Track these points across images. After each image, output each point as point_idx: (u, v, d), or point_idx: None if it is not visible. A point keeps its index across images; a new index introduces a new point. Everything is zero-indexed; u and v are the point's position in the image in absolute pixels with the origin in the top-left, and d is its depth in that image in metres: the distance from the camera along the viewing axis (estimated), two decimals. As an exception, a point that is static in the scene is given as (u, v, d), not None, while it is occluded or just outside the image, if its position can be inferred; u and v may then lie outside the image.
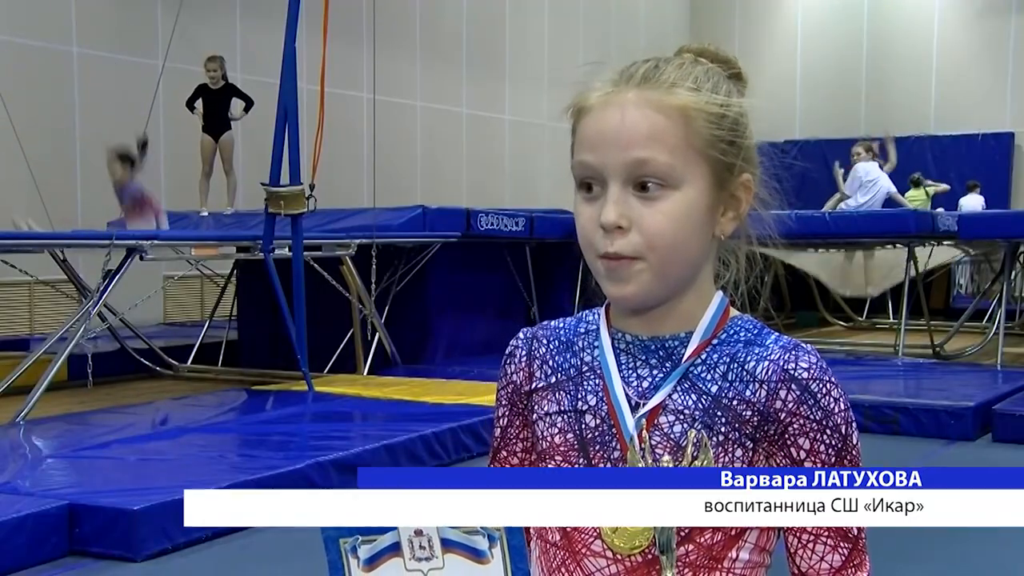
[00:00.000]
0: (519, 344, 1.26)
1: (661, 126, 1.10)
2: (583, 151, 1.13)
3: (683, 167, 1.10)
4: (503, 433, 1.27)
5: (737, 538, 1.12)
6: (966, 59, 18.02)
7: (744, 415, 1.12)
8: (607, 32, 17.78)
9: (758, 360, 1.13)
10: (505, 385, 1.26)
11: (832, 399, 1.12)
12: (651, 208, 1.10)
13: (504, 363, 1.27)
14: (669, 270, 1.12)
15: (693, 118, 1.11)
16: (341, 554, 1.00)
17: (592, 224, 1.12)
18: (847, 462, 1.12)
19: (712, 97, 1.13)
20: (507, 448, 1.27)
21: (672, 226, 1.10)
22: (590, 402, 1.17)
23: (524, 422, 1.25)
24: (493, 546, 0.98)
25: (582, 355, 1.21)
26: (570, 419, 1.18)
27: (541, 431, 1.20)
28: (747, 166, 1.16)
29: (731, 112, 1.13)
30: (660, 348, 1.16)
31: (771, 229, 1.22)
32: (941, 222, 9.56)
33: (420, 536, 0.99)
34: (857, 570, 1.13)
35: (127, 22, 10.84)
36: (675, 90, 1.12)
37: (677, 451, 1.12)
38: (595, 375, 1.18)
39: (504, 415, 1.26)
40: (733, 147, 1.13)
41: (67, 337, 6.84)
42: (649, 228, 1.10)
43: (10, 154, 8.65)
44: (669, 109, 1.11)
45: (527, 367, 1.24)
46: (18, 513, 4.06)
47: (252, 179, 8.05)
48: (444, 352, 8.95)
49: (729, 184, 1.14)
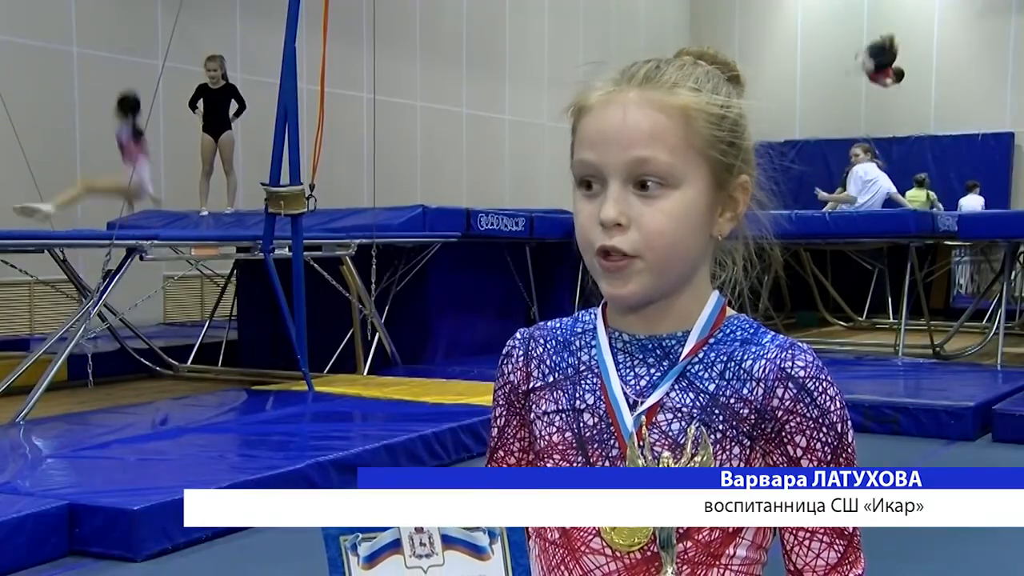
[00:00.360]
0: (516, 344, 1.27)
1: (662, 125, 1.11)
2: (584, 149, 1.14)
3: (683, 167, 1.11)
4: (500, 433, 1.27)
5: (735, 535, 1.13)
6: (966, 59, 18.02)
7: (741, 413, 1.13)
8: (607, 32, 17.78)
9: (755, 359, 1.14)
10: (502, 385, 1.27)
11: (828, 397, 1.13)
12: (651, 207, 1.11)
13: (501, 363, 1.27)
14: (667, 269, 1.12)
15: (694, 118, 1.12)
16: (341, 551, 1.00)
17: (591, 222, 1.13)
18: (843, 460, 1.13)
19: (713, 98, 1.13)
20: (504, 448, 1.27)
21: (671, 225, 1.11)
22: (588, 401, 1.18)
23: (521, 422, 1.25)
24: (494, 542, 0.98)
25: (579, 354, 1.21)
26: (568, 418, 1.18)
27: (539, 430, 1.21)
28: (745, 167, 1.17)
29: (731, 113, 1.14)
30: (657, 347, 1.17)
31: (767, 230, 1.23)
32: (941, 222, 9.57)
33: (420, 533, 0.99)
34: (852, 567, 1.14)
35: (127, 22, 10.84)
36: (676, 90, 1.13)
37: (676, 449, 1.12)
38: (593, 374, 1.19)
39: (501, 415, 1.27)
40: (732, 148, 1.14)
41: (67, 337, 6.84)
42: (648, 226, 1.10)
43: (10, 154, 8.65)
44: (670, 109, 1.12)
45: (524, 367, 1.24)
46: (18, 513, 4.06)
47: (252, 179, 8.05)
48: (444, 352, 8.96)
49: (728, 185, 1.15)
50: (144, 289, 8.81)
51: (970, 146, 17.58)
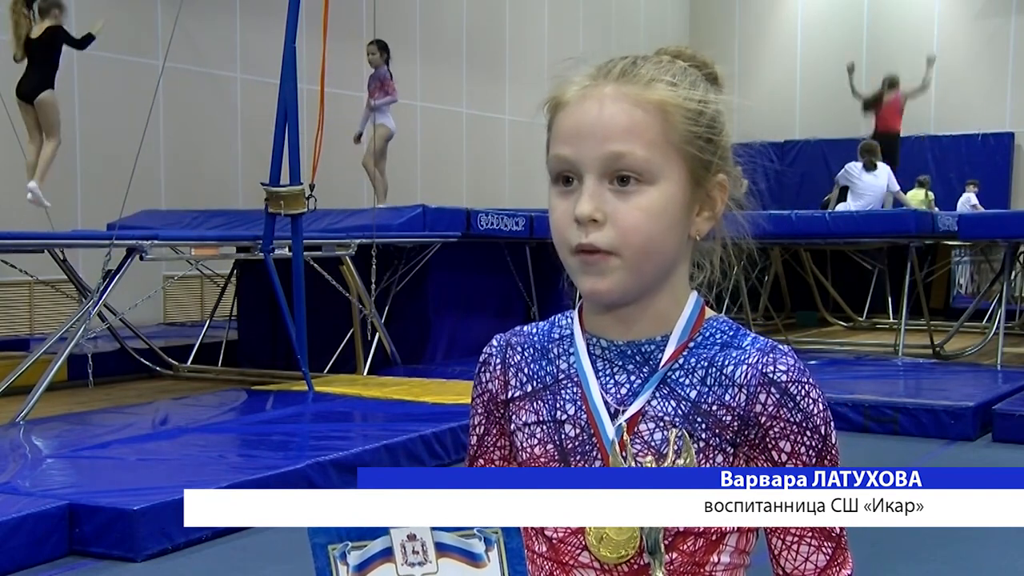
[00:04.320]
0: (493, 352, 1.25)
1: (639, 120, 1.10)
2: (559, 144, 1.12)
3: (660, 162, 1.10)
4: (479, 441, 1.26)
5: (718, 543, 1.12)
6: (966, 59, 18.01)
7: (724, 420, 1.11)
8: (607, 32, 17.79)
9: (736, 364, 1.13)
10: (480, 393, 1.25)
11: (811, 400, 1.12)
12: (627, 203, 1.09)
13: (479, 371, 1.25)
14: (644, 267, 1.11)
15: (671, 113, 1.11)
16: (330, 561, 0.98)
17: (566, 218, 1.11)
18: (827, 462, 1.12)
19: (690, 93, 1.12)
20: (484, 457, 1.25)
21: (647, 221, 1.09)
22: (569, 411, 1.16)
23: (501, 431, 1.23)
24: (490, 549, 0.95)
25: (558, 363, 1.19)
26: (549, 429, 1.17)
27: (520, 442, 1.19)
28: (724, 165, 1.15)
29: (708, 109, 1.13)
30: (637, 353, 1.15)
31: (746, 232, 1.21)
32: (941, 222, 9.57)
33: (413, 540, 0.96)
34: (841, 568, 1.13)
35: (127, 22, 10.84)
36: (653, 85, 1.11)
37: (659, 459, 1.11)
38: (572, 383, 1.17)
39: (480, 423, 1.25)
40: (710, 145, 1.13)
41: (67, 337, 6.84)
42: (624, 222, 1.09)
43: (10, 154, 8.66)
44: (647, 104, 1.10)
45: (502, 375, 1.23)
46: (18, 513, 4.06)
47: (252, 179, 8.05)
48: (444, 352, 8.96)
49: (705, 182, 1.14)
50: (144, 289, 8.81)
51: (970, 146, 17.58)
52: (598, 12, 18.03)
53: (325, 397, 6.85)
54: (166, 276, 10.59)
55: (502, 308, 9.48)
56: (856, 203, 10.96)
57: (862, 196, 11.04)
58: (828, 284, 12.04)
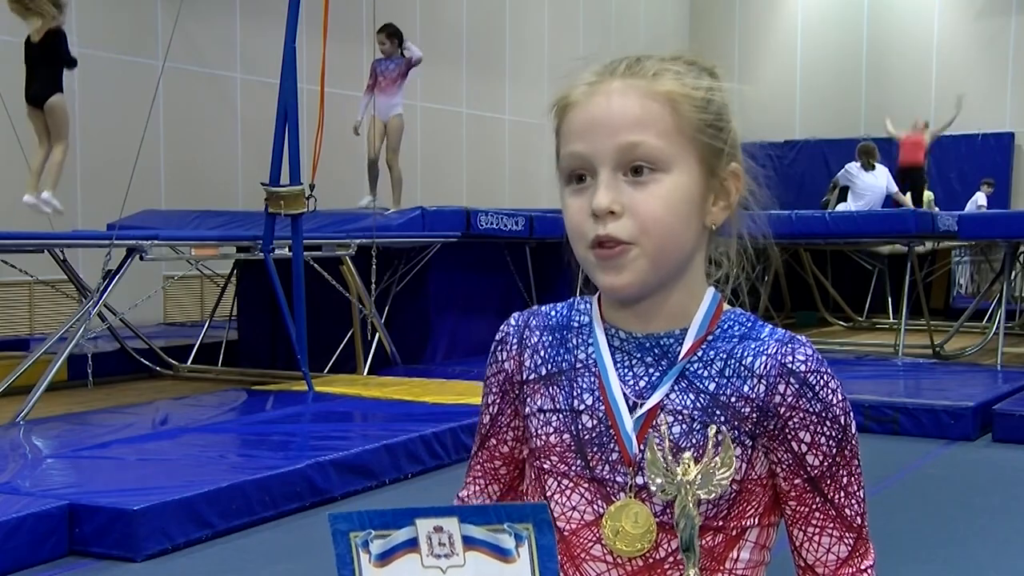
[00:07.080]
0: (510, 331, 1.25)
1: (650, 110, 1.10)
2: (571, 142, 1.13)
3: (673, 151, 1.10)
4: (493, 421, 1.25)
5: (738, 538, 1.12)
6: (966, 59, 18.01)
7: (743, 412, 1.11)
8: (607, 32, 17.78)
9: (755, 355, 1.13)
10: (496, 372, 1.25)
11: (830, 390, 1.12)
12: (643, 192, 1.09)
13: (495, 349, 1.25)
14: (663, 257, 1.11)
15: (679, 103, 1.11)
16: (351, 548, 0.96)
17: (582, 214, 1.11)
18: (847, 452, 1.13)
19: (696, 82, 1.13)
20: (497, 436, 1.25)
21: (665, 210, 1.09)
22: (587, 401, 1.16)
23: (515, 411, 1.23)
24: (520, 545, 0.93)
25: (576, 352, 1.19)
26: (566, 419, 1.16)
27: (535, 428, 1.19)
28: (735, 153, 1.16)
29: (716, 98, 1.14)
30: (655, 346, 1.15)
31: (764, 227, 1.22)
32: (941, 222, 9.56)
33: (440, 532, 0.94)
34: (863, 559, 1.14)
35: (127, 22, 10.84)
36: (660, 77, 1.12)
37: (677, 452, 1.11)
38: (591, 373, 1.17)
39: (495, 403, 1.25)
40: (721, 133, 1.13)
41: (67, 337, 6.84)
42: (642, 212, 1.09)
43: (10, 154, 8.65)
44: (656, 95, 1.11)
45: (518, 355, 1.23)
46: (18, 513, 4.05)
47: (252, 179, 8.05)
48: (444, 352, 8.95)
49: (718, 170, 1.14)
50: (144, 289, 8.81)
51: (970, 146, 17.56)
52: (598, 12, 18.03)
53: (325, 397, 6.85)
54: (166, 276, 10.60)
55: (502, 308, 9.46)
56: (856, 203, 10.99)
57: (862, 196, 11.07)
58: (828, 284, 12.04)
